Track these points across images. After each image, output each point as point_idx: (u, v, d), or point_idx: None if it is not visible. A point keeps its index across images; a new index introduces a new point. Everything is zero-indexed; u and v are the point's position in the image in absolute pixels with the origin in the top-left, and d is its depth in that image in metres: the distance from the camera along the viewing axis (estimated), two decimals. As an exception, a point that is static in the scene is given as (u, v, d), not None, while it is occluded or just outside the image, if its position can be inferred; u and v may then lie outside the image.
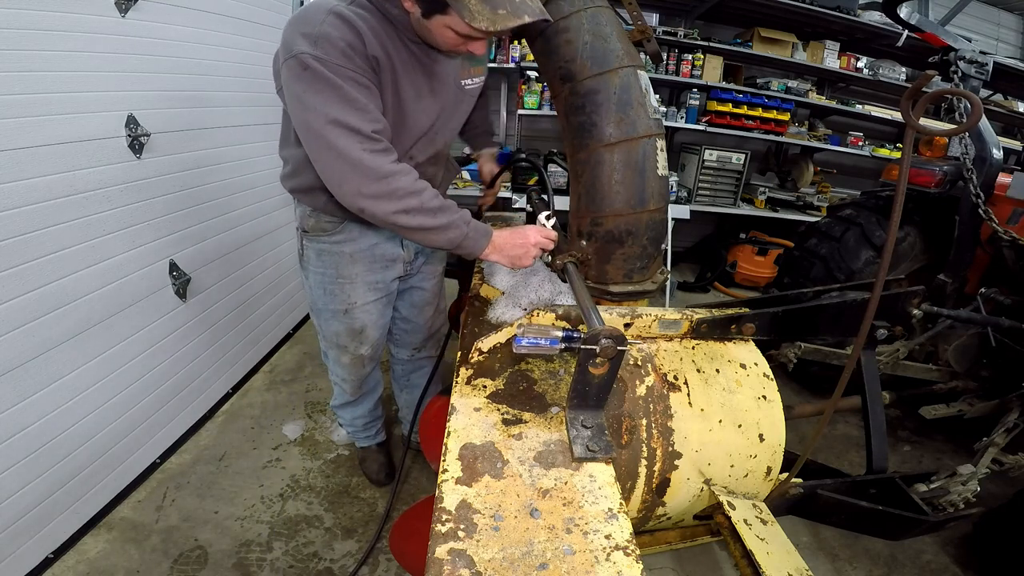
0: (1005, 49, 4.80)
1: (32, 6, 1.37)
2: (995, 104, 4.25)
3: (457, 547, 0.58)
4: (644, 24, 1.19)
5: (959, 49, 1.96)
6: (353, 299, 1.48)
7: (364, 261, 1.45)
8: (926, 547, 1.79)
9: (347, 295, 1.47)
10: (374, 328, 1.58)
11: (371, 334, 1.58)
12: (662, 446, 0.93)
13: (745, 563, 0.93)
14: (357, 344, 1.58)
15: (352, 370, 1.67)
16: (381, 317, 1.59)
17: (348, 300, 1.48)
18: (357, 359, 1.63)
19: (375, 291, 1.51)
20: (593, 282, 1.12)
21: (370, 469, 1.95)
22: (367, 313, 1.52)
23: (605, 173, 1.03)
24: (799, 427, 2.20)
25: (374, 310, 1.54)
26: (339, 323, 1.52)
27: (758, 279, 4.13)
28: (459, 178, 3.95)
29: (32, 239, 1.41)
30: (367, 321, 1.54)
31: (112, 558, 1.57)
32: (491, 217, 1.98)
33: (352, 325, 1.53)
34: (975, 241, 2.08)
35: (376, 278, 1.49)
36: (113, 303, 1.69)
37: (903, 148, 0.73)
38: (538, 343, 0.78)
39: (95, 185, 1.59)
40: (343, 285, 1.46)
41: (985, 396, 1.94)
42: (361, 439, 1.96)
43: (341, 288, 1.46)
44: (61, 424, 1.54)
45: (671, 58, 3.87)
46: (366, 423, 1.91)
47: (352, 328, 1.54)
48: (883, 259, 0.76)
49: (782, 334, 1.13)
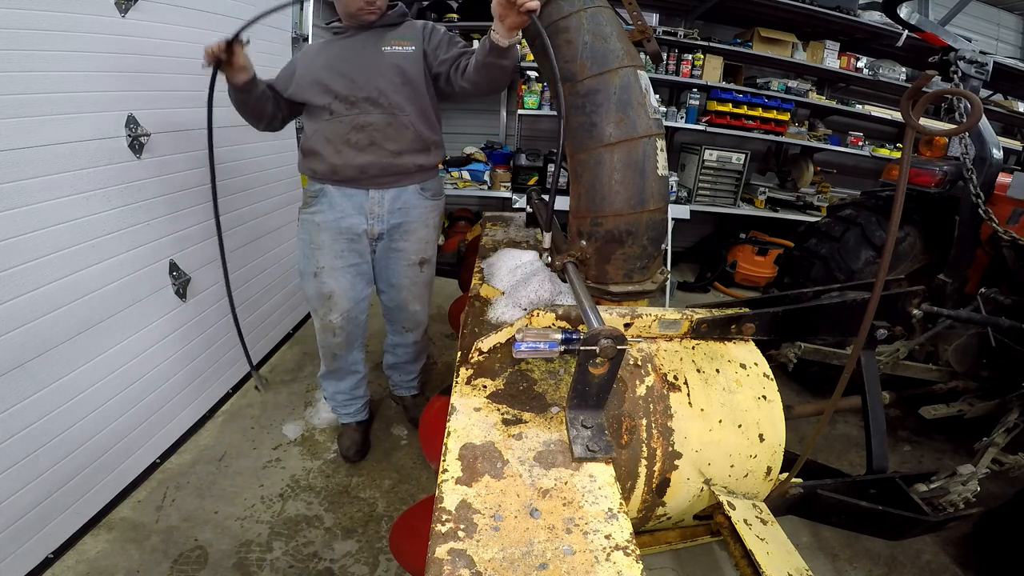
0: (1005, 49, 4.80)
1: (32, 6, 1.37)
2: (995, 104, 4.25)
3: (457, 547, 0.58)
4: (644, 24, 1.19)
5: (959, 49, 1.96)
6: (321, 263, 1.71)
7: (330, 231, 1.70)
8: (926, 547, 1.79)
9: (316, 260, 1.71)
10: (343, 297, 1.76)
11: (340, 302, 1.76)
12: (662, 446, 0.93)
13: (745, 563, 0.93)
14: (327, 310, 1.77)
15: (323, 336, 1.84)
16: (351, 288, 1.77)
17: (317, 264, 1.72)
18: (327, 325, 1.80)
19: (341, 259, 1.72)
20: (593, 282, 1.12)
21: (343, 444, 2.05)
22: (334, 279, 1.73)
23: (605, 173, 1.03)
24: (799, 427, 2.20)
25: (342, 278, 1.74)
26: (311, 286, 1.75)
27: (758, 279, 4.13)
28: (459, 179, 3.95)
29: (32, 239, 1.41)
30: (335, 287, 1.74)
31: (112, 558, 1.56)
32: (491, 217, 1.98)
33: (321, 289, 1.74)
34: (975, 241, 2.08)
35: (341, 247, 1.72)
36: (113, 303, 1.69)
37: (903, 148, 0.73)
38: (537, 347, 0.78)
39: (95, 185, 1.59)
40: (314, 251, 1.71)
41: (985, 396, 1.94)
42: (342, 415, 2.07)
43: (312, 253, 1.71)
44: (61, 424, 1.54)
45: (671, 58, 3.87)
46: (346, 400, 2.03)
47: (321, 292, 1.74)
48: (883, 259, 0.76)
49: (782, 334, 1.13)
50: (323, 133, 1.62)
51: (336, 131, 1.60)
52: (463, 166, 3.99)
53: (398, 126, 1.62)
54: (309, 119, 1.68)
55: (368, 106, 1.58)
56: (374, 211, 1.71)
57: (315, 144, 1.63)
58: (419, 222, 1.79)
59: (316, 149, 1.64)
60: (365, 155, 1.62)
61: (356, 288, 1.79)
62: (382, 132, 1.61)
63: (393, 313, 2.00)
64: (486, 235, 1.76)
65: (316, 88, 1.60)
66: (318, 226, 1.69)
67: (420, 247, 1.83)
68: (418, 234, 1.81)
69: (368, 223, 1.72)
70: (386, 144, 1.62)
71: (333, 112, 1.59)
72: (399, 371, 2.23)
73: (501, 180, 4.00)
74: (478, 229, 1.91)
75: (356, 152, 1.61)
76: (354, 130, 1.59)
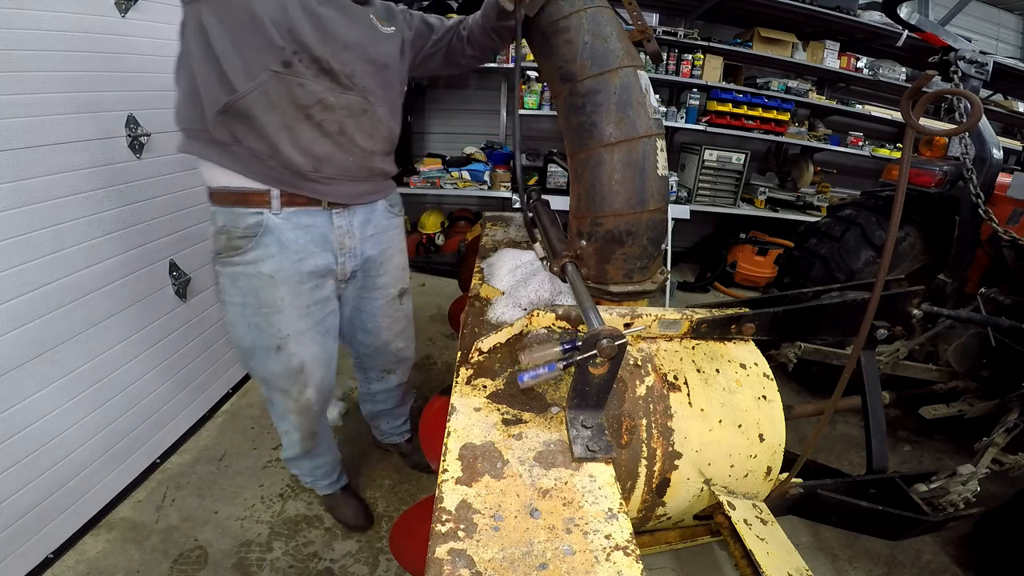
0: (1005, 49, 4.80)
1: (32, 6, 1.37)
2: (995, 104, 4.25)
3: (457, 547, 0.58)
4: (644, 24, 1.19)
5: (959, 49, 1.96)
6: (284, 331, 1.25)
7: (289, 282, 1.22)
8: (926, 547, 1.79)
9: (275, 328, 1.24)
10: (316, 364, 1.34)
11: (314, 372, 1.34)
12: (662, 446, 0.93)
13: (745, 563, 0.93)
14: (300, 387, 1.35)
15: (301, 419, 1.43)
16: (323, 351, 1.35)
17: (278, 334, 1.25)
18: (304, 407, 1.39)
19: (308, 317, 1.28)
20: (593, 282, 1.12)
21: (345, 516, 1.73)
22: (303, 346, 1.29)
23: (605, 173, 1.03)
24: (799, 427, 2.20)
25: (312, 342, 1.31)
26: (273, 364, 1.29)
27: (758, 279, 4.13)
28: (459, 179, 3.95)
29: (32, 239, 1.41)
30: (305, 356, 1.31)
31: (112, 558, 1.57)
32: (491, 217, 1.98)
33: (290, 363, 1.29)
34: (975, 241, 2.08)
35: (306, 301, 1.27)
36: (113, 303, 1.69)
37: (903, 148, 0.73)
38: (538, 374, 0.78)
39: (95, 185, 1.59)
40: (269, 316, 1.23)
41: (985, 396, 1.94)
42: (323, 487, 1.71)
43: (267, 319, 1.23)
44: (61, 424, 1.54)
45: (671, 58, 3.87)
46: (327, 471, 1.68)
47: (290, 368, 1.30)
48: (883, 259, 0.75)
49: (782, 334, 1.13)
50: (268, 92, 1.07)
51: (292, 95, 1.09)
52: (463, 166, 3.99)
53: (373, 118, 1.23)
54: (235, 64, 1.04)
55: (344, 81, 1.16)
56: (344, 244, 1.30)
57: (249, 108, 1.07)
58: (395, 248, 1.48)
59: (251, 117, 1.08)
60: (328, 143, 1.17)
61: (327, 349, 1.37)
62: (355, 121, 1.20)
63: (370, 359, 1.66)
64: (486, 235, 1.76)
65: (276, 16, 1.04)
66: (271, 280, 1.20)
67: (399, 276, 1.53)
68: (394, 262, 1.49)
69: (338, 262, 1.31)
70: (358, 138, 1.21)
71: (290, 66, 1.08)
72: (386, 418, 1.90)
73: (501, 180, 4.00)
74: (478, 229, 1.90)
75: (317, 134, 1.15)
76: (319, 106, 1.13)
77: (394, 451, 2.03)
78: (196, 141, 1.17)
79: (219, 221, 1.20)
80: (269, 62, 1.06)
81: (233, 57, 1.04)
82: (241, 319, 1.25)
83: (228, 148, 1.14)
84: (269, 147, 1.12)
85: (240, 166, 1.15)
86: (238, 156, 1.14)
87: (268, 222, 1.18)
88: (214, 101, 1.07)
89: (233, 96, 1.06)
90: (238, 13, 1.03)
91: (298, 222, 1.21)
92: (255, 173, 1.16)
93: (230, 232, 1.18)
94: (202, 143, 1.16)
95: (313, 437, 1.51)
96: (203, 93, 1.08)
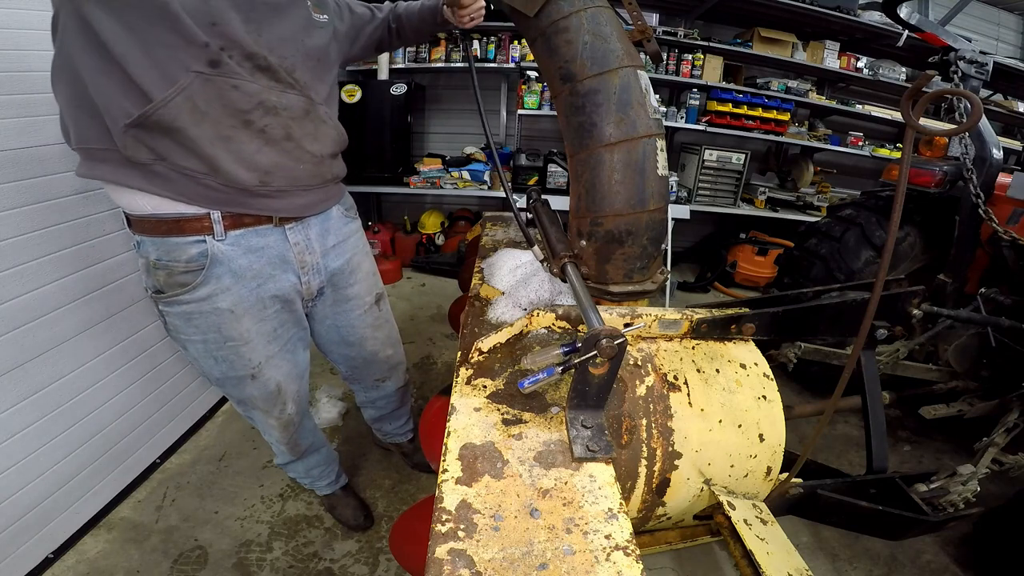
0: (1005, 49, 4.80)
1: (32, 6, 1.37)
2: (995, 104, 4.25)
3: (457, 547, 0.58)
4: (644, 24, 1.19)
5: (959, 49, 1.96)
6: (255, 360, 1.17)
7: (251, 312, 1.12)
8: (926, 547, 1.79)
9: (246, 359, 1.16)
10: (290, 380, 1.30)
11: (289, 389, 1.31)
12: (662, 446, 0.93)
13: (745, 563, 0.93)
14: (280, 408, 1.31)
15: (283, 433, 1.40)
16: (295, 367, 1.31)
17: (250, 364, 1.17)
18: (286, 422, 1.36)
19: (277, 340, 1.21)
20: (593, 282, 1.12)
21: (345, 516, 1.72)
22: (276, 368, 1.24)
23: (605, 173, 1.03)
24: (799, 427, 2.20)
25: (284, 362, 1.26)
26: (250, 390, 1.23)
27: (758, 279, 4.13)
28: (459, 179, 3.96)
29: (32, 239, 1.41)
30: (279, 377, 1.26)
31: (112, 558, 1.57)
32: (491, 217, 1.98)
33: (267, 388, 1.24)
34: (975, 241, 2.08)
35: (272, 325, 1.19)
36: (113, 303, 1.69)
37: (903, 148, 0.73)
38: (538, 379, 0.79)
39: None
40: (236, 348, 1.13)
41: (985, 396, 1.94)
42: (323, 487, 1.70)
43: (235, 352, 1.14)
44: (61, 424, 1.54)
45: (671, 58, 3.87)
46: (323, 471, 1.67)
47: (268, 392, 1.25)
48: (883, 259, 0.75)
49: (782, 334, 1.13)
50: (194, 98, 0.90)
51: (225, 100, 0.93)
52: (463, 166, 3.99)
53: (316, 119, 1.10)
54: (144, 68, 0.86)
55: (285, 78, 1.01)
56: (305, 261, 1.19)
57: (171, 119, 0.89)
58: (360, 253, 1.38)
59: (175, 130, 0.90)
60: (274, 152, 1.02)
61: (300, 363, 1.33)
62: (299, 124, 1.06)
63: (361, 371, 1.59)
64: (486, 235, 1.76)
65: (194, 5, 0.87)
66: (231, 314, 1.09)
67: (371, 282, 1.44)
68: (364, 268, 1.40)
69: (302, 281, 1.21)
70: (306, 143, 1.08)
71: (218, 65, 0.91)
72: (388, 420, 1.87)
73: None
74: (478, 229, 1.90)
75: (260, 143, 1.00)
76: (260, 109, 0.98)
77: (396, 451, 2.02)
78: (103, 164, 0.96)
79: (150, 254, 1.02)
80: (190, 63, 0.89)
81: (141, 59, 0.86)
82: (206, 355, 1.14)
83: (148, 168, 0.95)
84: (204, 163, 0.95)
85: (167, 188, 0.97)
86: (163, 177, 0.96)
87: (213, 250, 1.02)
88: (121, 114, 0.88)
89: (148, 107, 0.87)
90: (141, 5, 0.84)
91: (248, 245, 1.07)
92: (187, 195, 0.98)
93: (169, 268, 1.02)
94: (111, 165, 0.96)
95: (298, 445, 1.49)
96: (103, 106, 0.89)
